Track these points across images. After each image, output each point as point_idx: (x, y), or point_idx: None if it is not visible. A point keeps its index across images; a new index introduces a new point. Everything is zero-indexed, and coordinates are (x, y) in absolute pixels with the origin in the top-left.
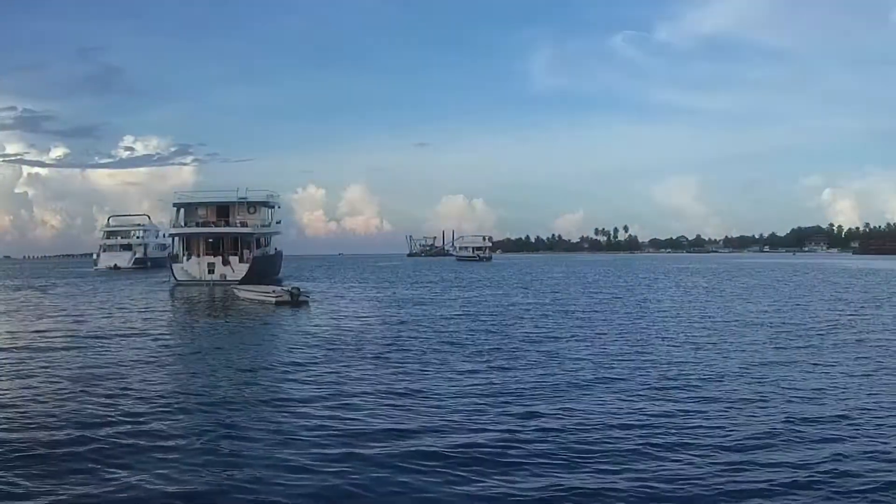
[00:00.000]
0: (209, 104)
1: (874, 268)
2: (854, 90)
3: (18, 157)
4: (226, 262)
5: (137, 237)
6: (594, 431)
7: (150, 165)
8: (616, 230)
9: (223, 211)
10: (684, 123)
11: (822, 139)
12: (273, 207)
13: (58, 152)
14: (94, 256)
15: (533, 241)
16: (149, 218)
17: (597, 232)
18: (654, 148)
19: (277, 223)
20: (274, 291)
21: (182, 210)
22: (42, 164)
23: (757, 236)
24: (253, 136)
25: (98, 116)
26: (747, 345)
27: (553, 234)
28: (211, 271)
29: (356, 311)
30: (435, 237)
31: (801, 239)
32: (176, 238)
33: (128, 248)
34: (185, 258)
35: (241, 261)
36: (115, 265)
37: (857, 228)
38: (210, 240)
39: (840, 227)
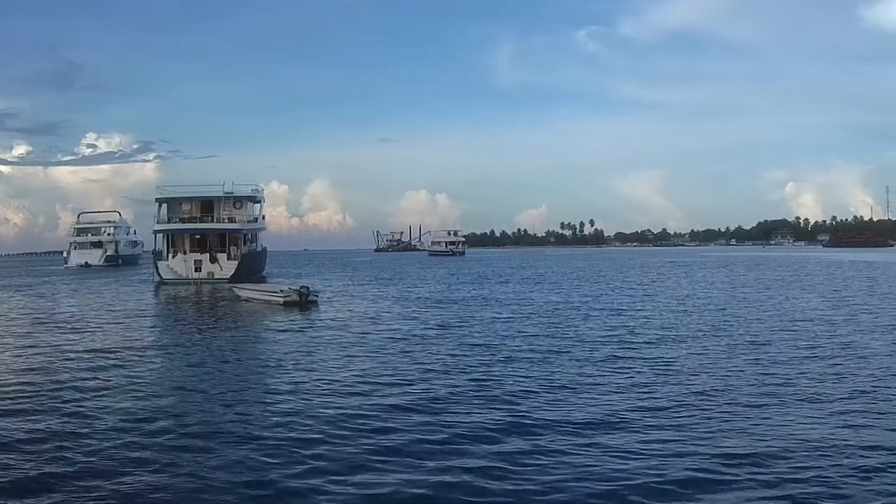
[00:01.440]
0: (172, 100)
1: (865, 260)
2: (818, 84)
3: None
4: (213, 260)
5: (108, 234)
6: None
7: (112, 162)
8: (582, 224)
9: (207, 206)
10: (648, 118)
11: (786, 133)
12: (259, 202)
13: (20, 150)
14: (65, 254)
15: (498, 235)
16: (119, 215)
17: (563, 226)
18: (618, 142)
19: (262, 219)
20: (281, 291)
21: (164, 206)
22: (5, 162)
23: (722, 229)
24: (216, 133)
25: (61, 113)
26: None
27: (519, 229)
28: (198, 269)
29: (377, 312)
30: (402, 232)
31: (767, 232)
32: (160, 235)
33: (98, 245)
34: (170, 256)
35: (229, 258)
36: (86, 263)
37: (824, 221)
38: (197, 236)
39: (806, 220)
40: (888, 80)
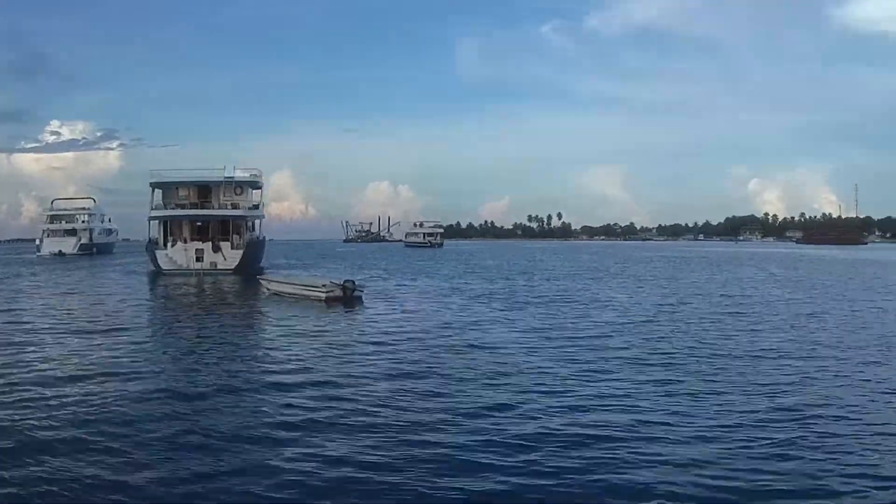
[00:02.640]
0: (136, 89)
1: (866, 258)
2: (784, 83)
3: None
4: (216, 249)
5: (83, 222)
6: None
7: (76, 150)
8: (549, 217)
9: (205, 192)
10: (613, 113)
11: (750, 131)
12: (260, 188)
13: None
14: (37, 242)
15: (464, 227)
16: (94, 201)
17: (530, 219)
18: (583, 137)
19: (263, 206)
20: (323, 285)
21: (159, 191)
22: None
23: (689, 224)
24: (180, 123)
25: (25, 101)
26: None
27: (486, 221)
28: (199, 259)
29: (444, 313)
30: (371, 223)
31: (734, 227)
32: (155, 222)
33: (72, 233)
34: (168, 244)
35: (233, 247)
36: (60, 251)
37: (792, 218)
38: (197, 223)
39: (774, 216)
40: (854, 80)
